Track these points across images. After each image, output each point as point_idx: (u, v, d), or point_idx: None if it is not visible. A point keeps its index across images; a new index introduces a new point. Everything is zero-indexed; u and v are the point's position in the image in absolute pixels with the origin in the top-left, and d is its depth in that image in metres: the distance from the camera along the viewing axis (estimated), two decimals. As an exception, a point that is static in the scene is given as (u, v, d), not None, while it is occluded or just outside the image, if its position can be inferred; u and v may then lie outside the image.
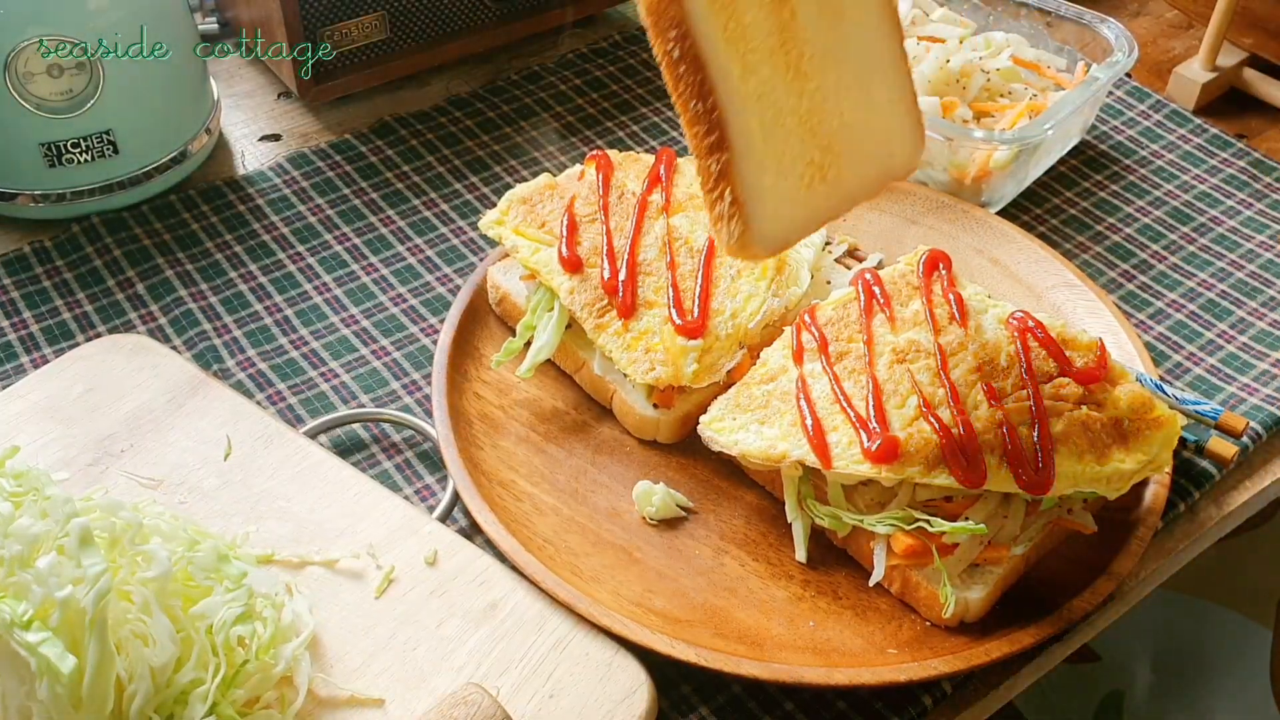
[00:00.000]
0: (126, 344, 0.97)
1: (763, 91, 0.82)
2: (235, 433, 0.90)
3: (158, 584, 0.71)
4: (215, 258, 1.13)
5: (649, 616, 0.81)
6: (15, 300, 1.08)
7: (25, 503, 0.72)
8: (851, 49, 0.88)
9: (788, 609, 0.84)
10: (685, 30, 0.79)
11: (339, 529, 0.85)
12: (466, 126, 1.29)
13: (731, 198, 0.80)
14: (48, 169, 1.11)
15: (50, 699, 0.66)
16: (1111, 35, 1.21)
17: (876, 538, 0.84)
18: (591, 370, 0.96)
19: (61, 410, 0.92)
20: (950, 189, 1.15)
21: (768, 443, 0.86)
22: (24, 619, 0.66)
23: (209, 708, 0.70)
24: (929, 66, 1.17)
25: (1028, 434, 0.82)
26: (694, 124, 0.81)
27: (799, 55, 0.85)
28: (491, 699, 0.70)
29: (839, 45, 0.87)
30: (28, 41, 1.05)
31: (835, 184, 0.86)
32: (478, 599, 0.81)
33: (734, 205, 0.80)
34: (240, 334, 1.06)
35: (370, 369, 1.03)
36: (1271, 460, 0.98)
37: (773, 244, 0.82)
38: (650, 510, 0.89)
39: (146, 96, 1.14)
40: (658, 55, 0.81)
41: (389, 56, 1.30)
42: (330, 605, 0.80)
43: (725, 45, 0.81)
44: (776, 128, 0.83)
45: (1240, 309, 1.10)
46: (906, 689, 0.81)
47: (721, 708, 0.81)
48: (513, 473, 0.91)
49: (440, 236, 1.16)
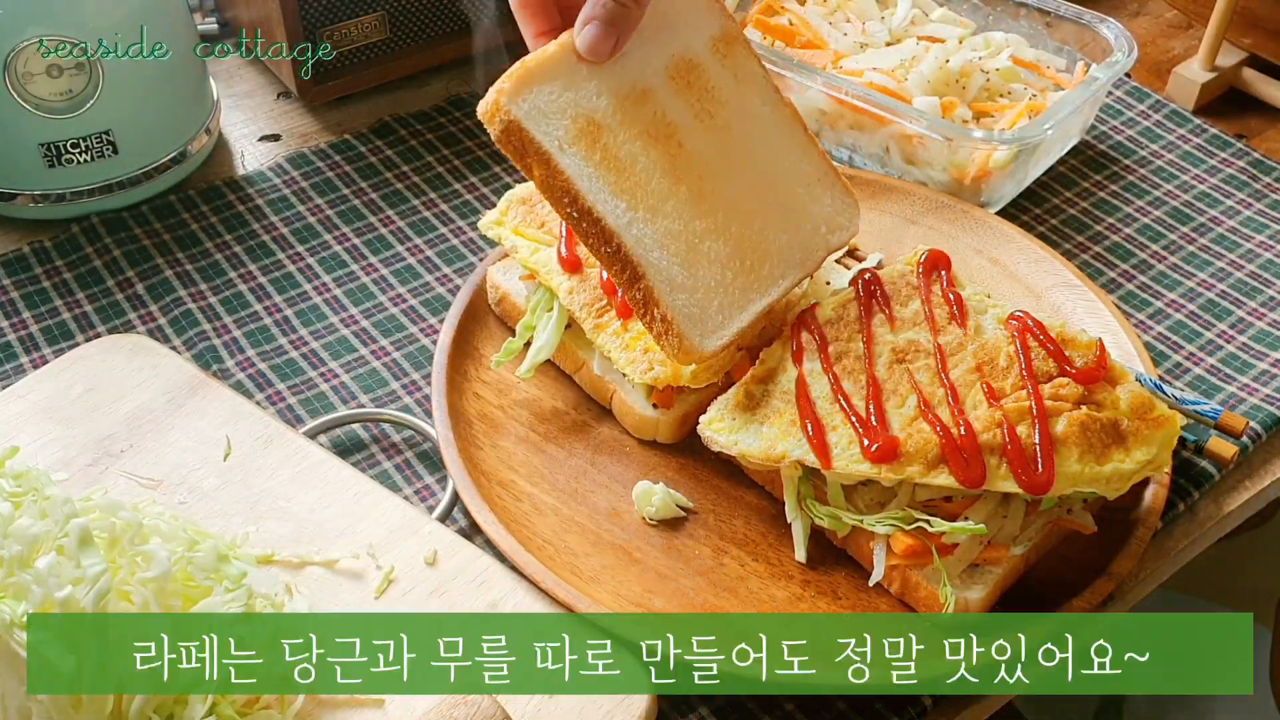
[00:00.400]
0: (126, 344, 0.97)
1: (668, 227, 0.88)
2: (235, 433, 0.90)
3: (157, 584, 0.71)
4: (215, 258, 1.13)
5: (649, 617, 0.81)
6: (15, 300, 1.08)
7: (25, 503, 0.72)
8: (750, 154, 0.94)
9: (787, 609, 0.84)
10: (574, 196, 0.85)
11: (339, 529, 0.85)
12: (466, 127, 1.29)
13: (661, 316, 0.86)
14: (47, 169, 1.11)
15: (50, 699, 0.66)
16: (1111, 35, 1.21)
17: (876, 538, 0.84)
18: (591, 370, 0.97)
19: (61, 410, 0.92)
20: (950, 189, 1.15)
21: (767, 443, 0.86)
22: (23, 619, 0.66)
23: (209, 708, 0.70)
24: (928, 66, 1.17)
25: (1027, 434, 0.82)
26: (608, 265, 0.87)
27: (698, 180, 0.90)
28: (491, 698, 0.70)
29: (736, 156, 0.93)
30: (28, 41, 1.05)
31: (770, 277, 0.91)
32: (477, 599, 0.81)
33: (665, 323, 0.86)
34: (240, 334, 1.06)
35: (370, 369, 1.03)
36: (1271, 460, 0.98)
37: (715, 343, 0.87)
38: (650, 510, 0.89)
39: (146, 97, 1.14)
40: (560, 216, 0.88)
41: (388, 57, 1.30)
42: (330, 605, 0.80)
43: (619, 198, 0.86)
44: (693, 252, 0.88)
45: (1240, 309, 1.10)
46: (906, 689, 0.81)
47: (721, 708, 0.81)
48: (512, 473, 0.91)
49: (440, 237, 1.16)
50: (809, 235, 0.94)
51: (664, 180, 0.89)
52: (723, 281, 0.89)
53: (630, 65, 0.91)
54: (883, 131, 1.17)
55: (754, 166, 0.93)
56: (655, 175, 0.89)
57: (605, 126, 0.88)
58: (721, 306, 0.88)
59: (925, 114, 1.13)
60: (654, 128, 0.90)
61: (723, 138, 0.93)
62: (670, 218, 0.88)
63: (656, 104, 0.91)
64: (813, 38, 1.25)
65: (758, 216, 0.92)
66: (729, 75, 0.94)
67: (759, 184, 0.93)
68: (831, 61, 1.22)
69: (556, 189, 0.86)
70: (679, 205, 0.89)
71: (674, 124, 0.91)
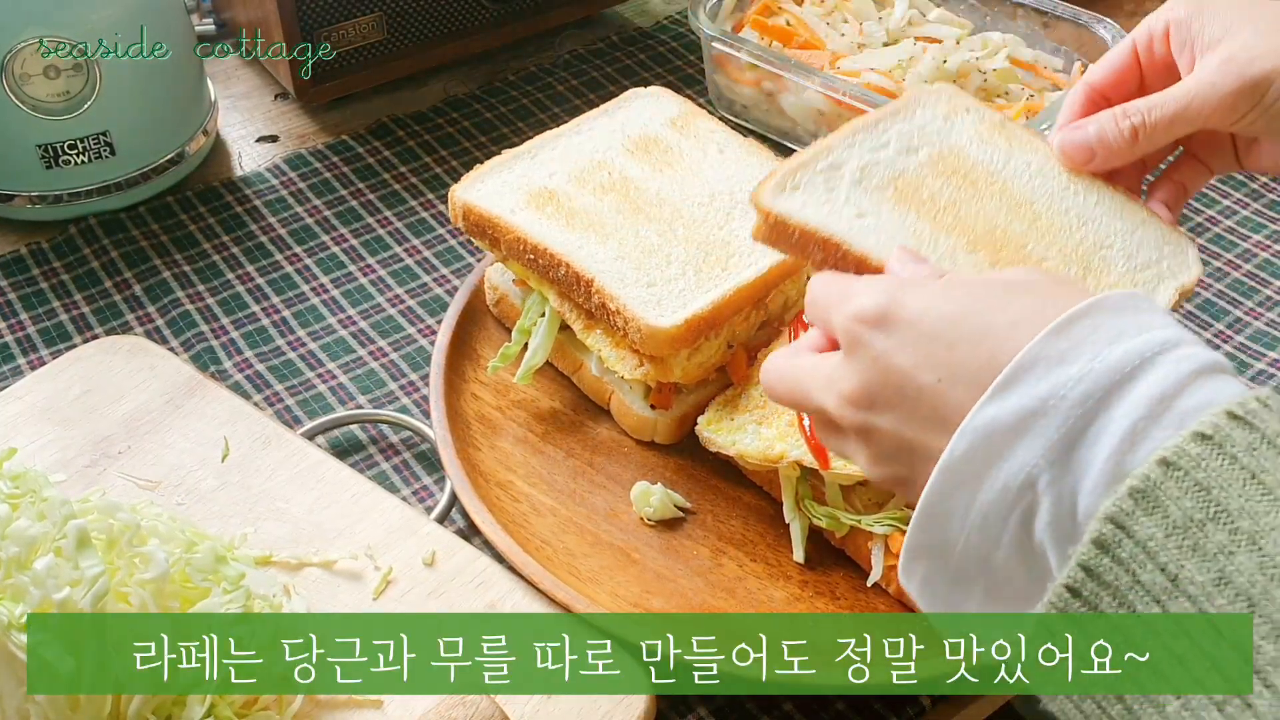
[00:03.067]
0: (124, 345, 0.97)
1: (618, 246, 0.93)
2: (233, 434, 0.90)
3: (155, 585, 0.71)
4: (212, 259, 1.13)
5: (647, 617, 0.81)
6: (12, 302, 1.08)
7: (23, 504, 0.72)
8: (710, 182, 1.00)
9: (786, 609, 0.84)
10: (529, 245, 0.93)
11: (337, 530, 0.85)
12: (464, 128, 1.29)
13: (617, 310, 0.88)
14: (44, 170, 1.11)
15: (48, 700, 0.66)
16: (1108, 35, 1.21)
17: (874, 538, 0.84)
18: (589, 372, 0.96)
19: (59, 412, 0.91)
20: (948, 189, 1.15)
21: (765, 443, 0.86)
22: (21, 621, 0.66)
23: (207, 709, 0.70)
24: (926, 67, 1.17)
25: (1026, 434, 0.81)
26: (568, 290, 0.92)
27: (656, 209, 0.96)
28: (490, 699, 0.69)
29: (695, 187, 0.99)
30: (26, 42, 1.05)
31: (738, 266, 0.93)
32: (476, 600, 0.81)
33: (622, 316, 0.88)
34: (238, 335, 1.06)
35: (368, 370, 1.03)
36: (1269, 460, 0.98)
37: (675, 318, 0.88)
38: (648, 511, 0.89)
39: (144, 98, 1.13)
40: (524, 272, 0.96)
41: (386, 58, 1.30)
42: (328, 606, 0.80)
43: (571, 233, 0.94)
44: (647, 257, 0.92)
45: (1237, 308, 1.11)
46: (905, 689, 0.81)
47: (720, 708, 0.81)
48: (510, 474, 0.91)
49: (438, 238, 1.16)
50: None
51: (618, 215, 0.94)
52: (683, 275, 0.91)
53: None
54: (880, 132, 1.17)
55: (716, 186, 0.98)
56: (609, 214, 0.94)
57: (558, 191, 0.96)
58: (681, 291, 0.90)
59: (923, 114, 1.12)
60: (607, 182, 0.97)
61: (682, 177, 0.98)
62: (622, 238, 0.93)
63: (611, 168, 0.98)
64: (810, 38, 1.25)
65: (723, 227, 0.95)
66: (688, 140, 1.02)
67: (722, 201, 0.97)
68: (829, 62, 1.22)
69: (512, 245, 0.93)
70: (634, 229, 0.93)
71: (629, 178, 0.98)
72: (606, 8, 1.45)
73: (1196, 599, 0.50)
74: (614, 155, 1.00)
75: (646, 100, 1.06)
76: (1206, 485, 0.51)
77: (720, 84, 1.28)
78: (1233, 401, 0.53)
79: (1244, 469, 0.51)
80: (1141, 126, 0.80)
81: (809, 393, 0.67)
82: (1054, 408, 0.55)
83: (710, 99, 1.31)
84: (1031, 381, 0.56)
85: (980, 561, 0.58)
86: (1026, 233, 0.81)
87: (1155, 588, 0.51)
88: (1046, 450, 0.55)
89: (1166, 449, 0.52)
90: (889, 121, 0.87)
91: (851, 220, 0.79)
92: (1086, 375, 0.55)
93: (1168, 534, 0.51)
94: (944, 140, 0.87)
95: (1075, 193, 0.84)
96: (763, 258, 0.92)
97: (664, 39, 1.43)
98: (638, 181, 0.97)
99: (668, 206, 0.95)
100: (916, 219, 0.80)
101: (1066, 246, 0.81)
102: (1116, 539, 0.52)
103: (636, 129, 1.03)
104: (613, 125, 1.03)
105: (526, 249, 0.92)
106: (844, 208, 0.80)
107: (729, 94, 1.28)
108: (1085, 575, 0.53)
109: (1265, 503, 0.50)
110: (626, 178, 0.97)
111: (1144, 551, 0.51)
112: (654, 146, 1.01)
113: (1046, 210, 0.83)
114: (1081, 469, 0.54)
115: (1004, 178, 0.85)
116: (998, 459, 0.56)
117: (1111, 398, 0.54)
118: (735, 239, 0.93)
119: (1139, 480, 0.52)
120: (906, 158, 0.85)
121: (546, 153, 1.00)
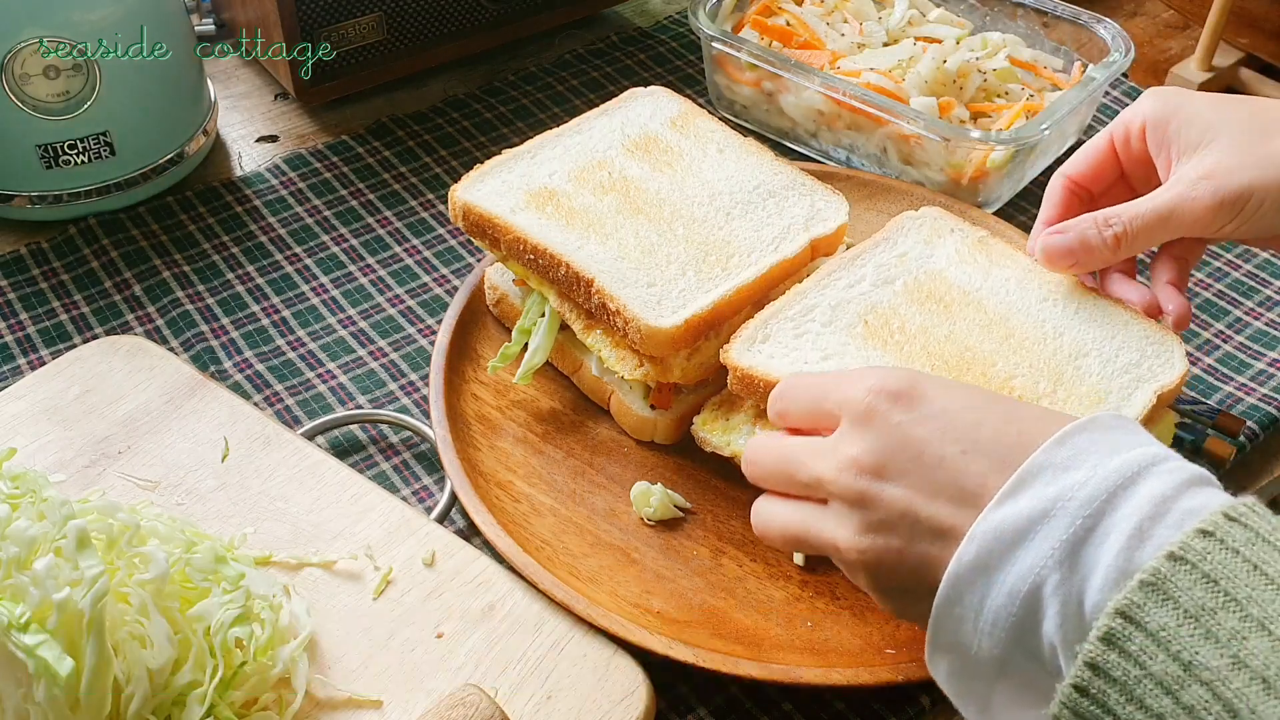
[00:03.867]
0: (123, 345, 0.97)
1: (619, 246, 0.92)
2: (233, 434, 0.90)
3: (155, 586, 0.71)
4: (212, 259, 1.13)
5: (647, 617, 0.81)
6: (12, 302, 1.08)
7: (22, 504, 0.72)
8: (711, 182, 1.00)
9: (785, 609, 0.84)
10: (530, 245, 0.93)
11: (337, 530, 0.85)
12: (464, 128, 1.29)
13: (616, 310, 0.88)
14: (44, 170, 1.11)
15: (48, 701, 0.66)
16: (1108, 35, 1.21)
17: (874, 538, 0.84)
18: (589, 372, 0.97)
19: (58, 412, 0.91)
20: (947, 189, 1.15)
21: (764, 443, 0.86)
22: (21, 621, 0.66)
23: (206, 709, 0.70)
24: (925, 67, 1.17)
25: (1025, 434, 0.81)
26: (567, 290, 0.92)
27: (656, 209, 0.96)
28: (489, 700, 0.69)
29: (695, 188, 0.99)
30: (26, 42, 1.05)
31: (739, 265, 0.92)
32: (476, 600, 0.81)
33: (622, 317, 0.87)
34: (237, 335, 1.06)
35: (368, 370, 1.03)
36: (1268, 460, 0.99)
37: (674, 318, 0.87)
38: (648, 511, 0.89)
39: (144, 98, 1.14)
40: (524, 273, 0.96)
41: (386, 58, 1.30)
42: (328, 606, 0.80)
43: (569, 232, 0.94)
44: (647, 257, 0.91)
45: (1237, 308, 1.11)
46: (904, 689, 0.81)
47: (720, 708, 0.81)
48: (510, 474, 0.91)
49: (438, 238, 1.16)
50: (783, 229, 0.95)
51: (618, 215, 0.94)
52: (682, 275, 0.91)
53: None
54: (880, 132, 1.17)
55: (716, 186, 0.98)
56: (609, 214, 0.94)
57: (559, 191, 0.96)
58: (681, 291, 0.90)
59: (922, 114, 1.13)
60: (607, 182, 0.97)
61: (682, 177, 0.98)
62: (622, 238, 0.92)
63: (611, 168, 0.98)
64: (810, 38, 1.25)
65: (723, 227, 0.95)
66: (687, 139, 1.03)
67: (723, 201, 0.97)
68: (829, 62, 1.22)
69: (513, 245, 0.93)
70: (634, 229, 0.93)
71: (629, 178, 0.97)
72: (606, 8, 1.45)
73: (1212, 684, 0.52)
74: (614, 155, 1.00)
75: (646, 100, 1.07)
76: (1214, 576, 0.53)
77: (720, 84, 1.28)
78: (1224, 506, 0.56)
79: (1246, 560, 0.53)
80: (1124, 235, 0.83)
81: (802, 462, 0.69)
82: (1062, 509, 0.57)
83: (710, 99, 1.31)
84: (1039, 486, 0.59)
85: (997, 663, 0.60)
86: (997, 351, 0.83)
87: (1167, 678, 0.53)
88: (1055, 551, 0.57)
89: (1173, 544, 0.54)
90: (870, 254, 0.90)
91: (816, 364, 0.82)
92: (1091, 479, 0.58)
93: (1180, 623, 0.53)
94: (922, 266, 0.89)
95: (1054, 303, 0.86)
96: (763, 257, 0.93)
97: (664, 39, 1.43)
98: (638, 181, 0.98)
99: (668, 206, 0.95)
100: (881, 353, 0.83)
101: (1038, 360, 0.83)
102: (1126, 632, 0.53)
103: (636, 129, 1.03)
104: (613, 125, 1.04)
105: (526, 249, 0.92)
106: (810, 353, 0.83)
107: (729, 94, 1.28)
108: (1092, 673, 0.54)
109: (1269, 591, 0.53)
110: (626, 177, 0.98)
111: (1155, 642, 0.53)
112: (654, 146, 1.01)
113: (1021, 325, 0.85)
114: (1089, 567, 0.56)
115: (980, 296, 0.87)
116: (1007, 562, 0.58)
117: (1116, 499, 0.57)
118: (735, 239, 0.93)
119: (1148, 574, 0.54)
120: (881, 290, 0.87)
121: (546, 153, 1.01)
